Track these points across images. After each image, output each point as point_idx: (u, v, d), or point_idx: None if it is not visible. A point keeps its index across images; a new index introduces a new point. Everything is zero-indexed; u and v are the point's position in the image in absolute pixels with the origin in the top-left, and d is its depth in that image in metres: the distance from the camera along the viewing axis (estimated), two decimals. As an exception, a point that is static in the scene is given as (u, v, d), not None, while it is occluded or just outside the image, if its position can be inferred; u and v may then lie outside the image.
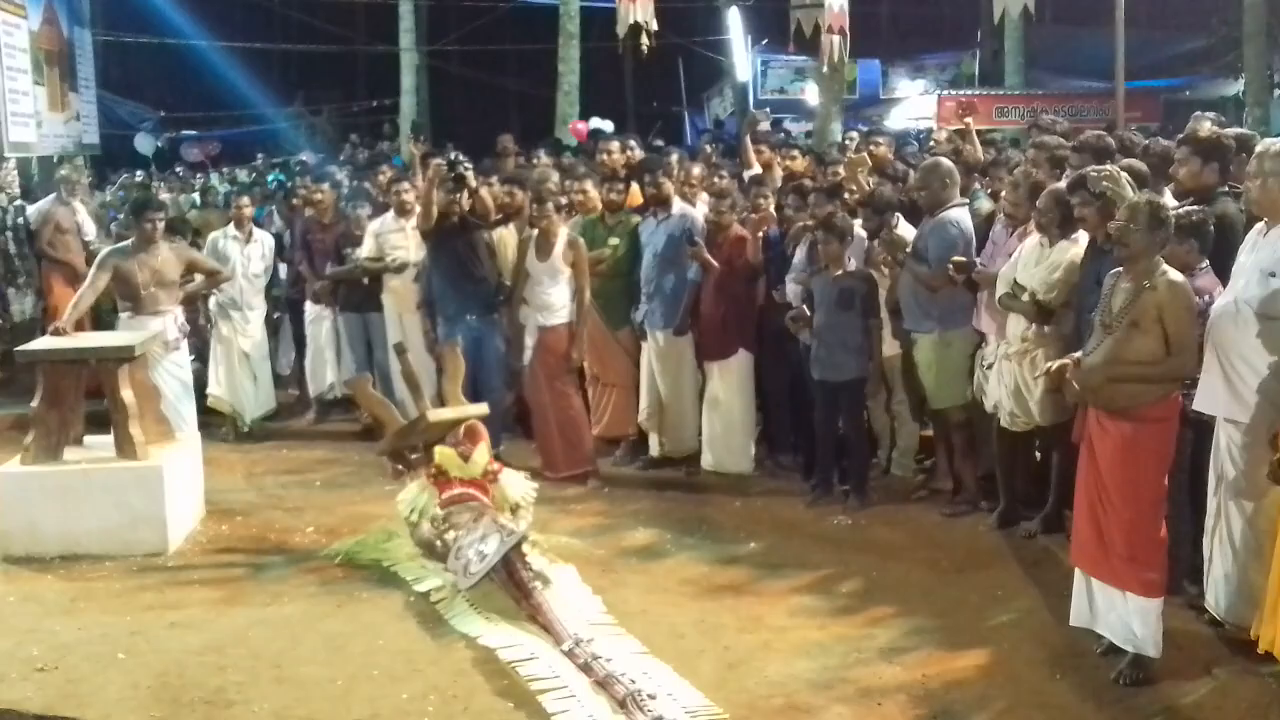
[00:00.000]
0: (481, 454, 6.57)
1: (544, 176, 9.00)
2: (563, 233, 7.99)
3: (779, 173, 9.39)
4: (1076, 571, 5.23)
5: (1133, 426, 4.93)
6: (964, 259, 6.79)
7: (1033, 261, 6.36)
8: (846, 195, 7.90)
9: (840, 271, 7.24)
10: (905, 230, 7.36)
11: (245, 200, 10.01)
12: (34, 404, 6.95)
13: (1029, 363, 6.37)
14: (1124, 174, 5.65)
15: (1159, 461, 4.99)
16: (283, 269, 10.42)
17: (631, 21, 12.71)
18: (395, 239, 9.09)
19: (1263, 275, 4.91)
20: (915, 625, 5.57)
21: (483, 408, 7.14)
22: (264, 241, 9.74)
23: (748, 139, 9.86)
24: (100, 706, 4.88)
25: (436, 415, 6.88)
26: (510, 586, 5.76)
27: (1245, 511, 5.08)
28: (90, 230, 11.24)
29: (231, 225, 9.77)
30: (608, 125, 16.57)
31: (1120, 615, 5.01)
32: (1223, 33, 18.73)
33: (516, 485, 6.59)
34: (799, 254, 7.65)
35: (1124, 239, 4.94)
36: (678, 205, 8.11)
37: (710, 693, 4.84)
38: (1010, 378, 6.51)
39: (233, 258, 9.53)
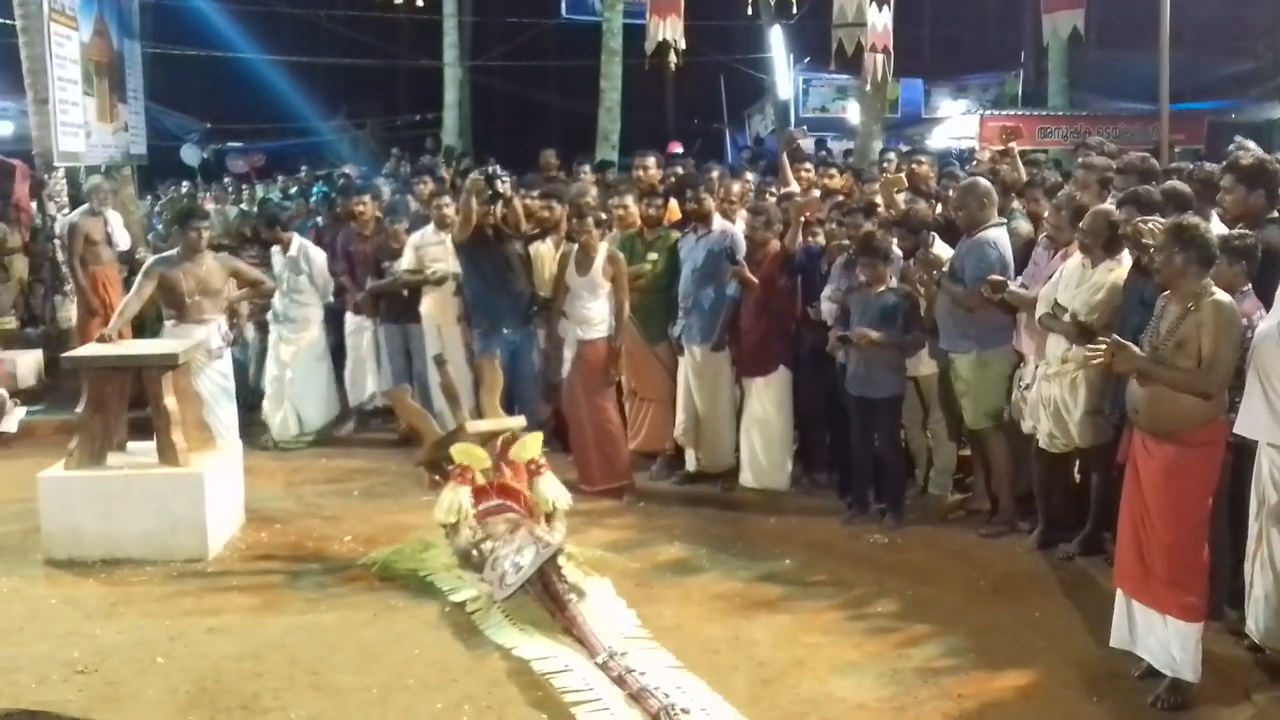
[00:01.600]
0: (530, 447, 6.67)
1: (583, 191, 9.04)
2: (602, 248, 8.02)
3: (815, 192, 9.37)
4: (1118, 593, 5.21)
5: (1177, 450, 4.91)
6: (999, 278, 6.77)
7: (1074, 282, 6.33)
8: (881, 214, 7.88)
9: (881, 289, 7.23)
10: (941, 250, 7.35)
11: (278, 225, 10.05)
12: (78, 410, 7.06)
13: (1069, 384, 6.34)
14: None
15: (1203, 485, 4.96)
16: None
17: (660, 39, 12.79)
18: (435, 251, 9.17)
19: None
20: (951, 646, 5.54)
21: (520, 420, 7.18)
22: (302, 255, 9.73)
23: (785, 157, 9.87)
24: (138, 710, 4.94)
25: (474, 427, 6.93)
26: (545, 598, 5.78)
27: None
28: (123, 240, 11.31)
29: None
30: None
31: (1159, 639, 4.98)
32: (1269, 57, 18.58)
33: (553, 488, 6.62)
34: (834, 272, 7.65)
35: (1156, 264, 4.99)
36: (718, 222, 8.13)
37: (744, 709, 4.84)
38: (1050, 399, 6.48)
39: (275, 270, 9.69)
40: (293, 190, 17.50)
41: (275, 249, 9.84)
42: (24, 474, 7.40)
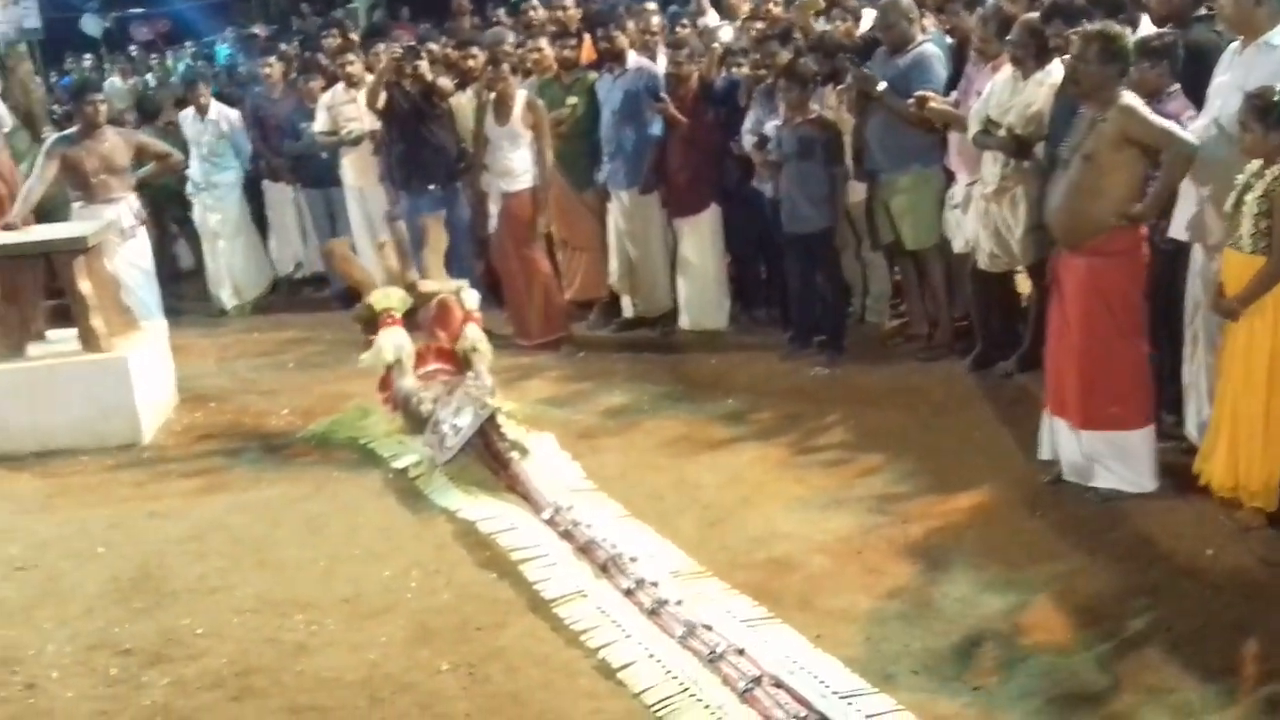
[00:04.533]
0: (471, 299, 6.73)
1: (499, 37, 8.75)
2: (520, 95, 7.75)
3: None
4: (1045, 410, 5.27)
5: (1089, 261, 4.92)
6: (925, 92, 6.60)
7: (1006, 95, 6.17)
8: (797, 39, 7.64)
9: (800, 120, 7.04)
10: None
11: (201, 87, 9.76)
12: (-9, 301, 6.83)
13: (1008, 201, 6.24)
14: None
15: (1122, 296, 4.97)
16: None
17: None
18: (348, 110, 8.87)
19: (1240, 93, 4.77)
20: (894, 473, 5.56)
21: (464, 283, 7.02)
22: (222, 119, 9.51)
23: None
24: (82, 601, 4.86)
25: (425, 286, 6.76)
26: (487, 458, 5.74)
27: (1219, 338, 5.03)
28: (6, 122, 10.86)
29: (191, 107, 9.58)
30: None
31: (1072, 450, 5.11)
32: None
33: (476, 332, 6.59)
34: (754, 103, 7.45)
35: (1075, 74, 4.90)
36: (633, 59, 7.85)
37: (691, 551, 4.84)
38: (989, 218, 6.37)
39: (190, 137, 9.48)
40: (186, 60, 16.83)
41: (186, 115, 9.56)
42: (-54, 371, 7.15)
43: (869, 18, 7.88)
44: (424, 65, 8.06)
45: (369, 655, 4.29)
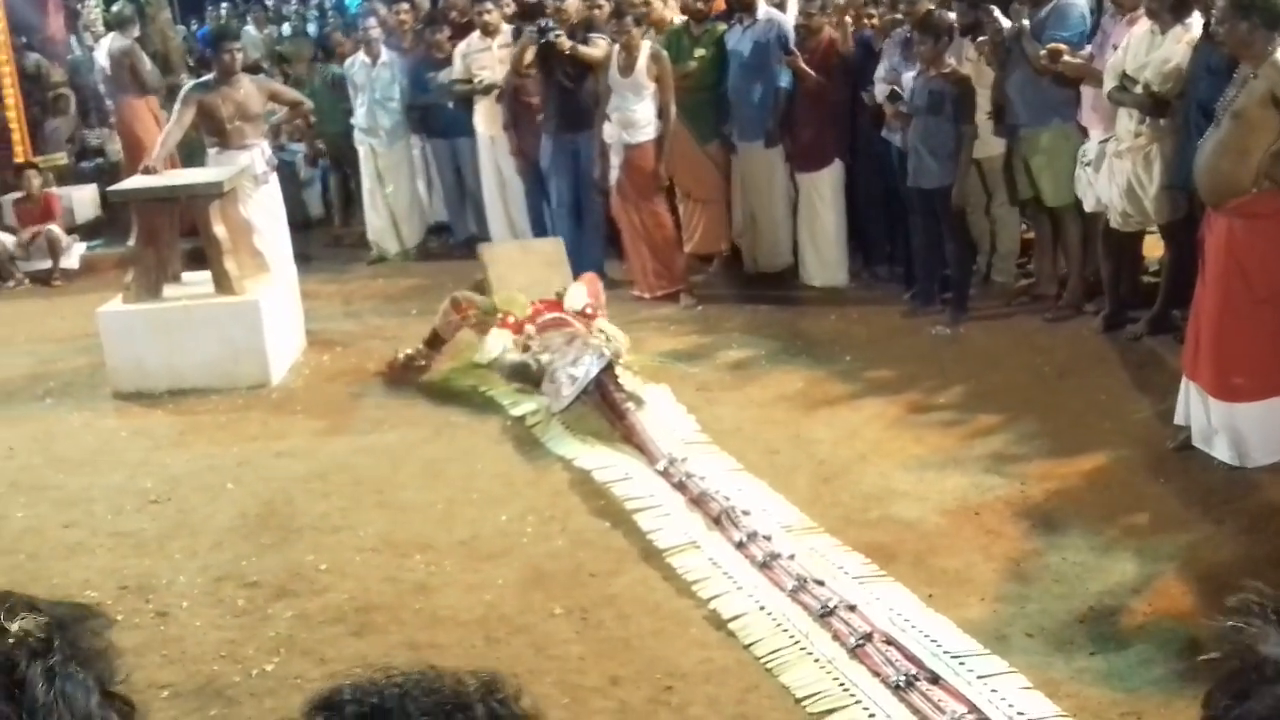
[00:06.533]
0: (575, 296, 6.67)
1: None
2: (645, 46, 7.72)
3: None
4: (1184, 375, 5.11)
5: (1230, 222, 4.77)
6: (1057, 46, 6.42)
7: (1143, 51, 5.98)
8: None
9: (934, 73, 6.89)
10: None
11: (372, 22, 9.82)
12: (130, 243, 7.06)
13: (1143, 160, 6.05)
14: None
15: (1260, 262, 4.78)
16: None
17: None
18: (482, 59, 8.91)
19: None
20: (1015, 434, 5.47)
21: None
22: (394, 64, 9.52)
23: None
24: (212, 535, 5.03)
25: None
26: (604, 408, 5.79)
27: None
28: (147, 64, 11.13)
29: (361, 50, 9.62)
30: None
31: (1202, 416, 4.94)
32: None
33: (612, 329, 6.59)
34: (886, 50, 7.31)
35: (1220, 35, 4.75)
36: (763, 10, 7.78)
37: (805, 507, 4.83)
38: (1123, 176, 6.18)
39: (360, 83, 9.51)
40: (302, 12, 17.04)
41: (356, 59, 9.60)
42: (89, 309, 7.40)
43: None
44: (563, 41, 8.02)
45: (485, 596, 4.38)
